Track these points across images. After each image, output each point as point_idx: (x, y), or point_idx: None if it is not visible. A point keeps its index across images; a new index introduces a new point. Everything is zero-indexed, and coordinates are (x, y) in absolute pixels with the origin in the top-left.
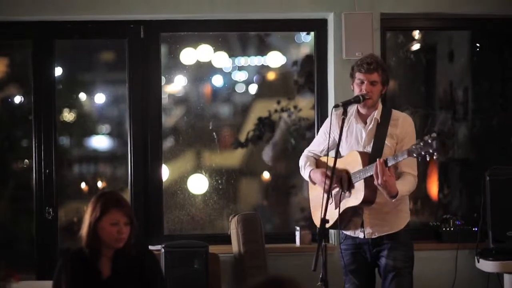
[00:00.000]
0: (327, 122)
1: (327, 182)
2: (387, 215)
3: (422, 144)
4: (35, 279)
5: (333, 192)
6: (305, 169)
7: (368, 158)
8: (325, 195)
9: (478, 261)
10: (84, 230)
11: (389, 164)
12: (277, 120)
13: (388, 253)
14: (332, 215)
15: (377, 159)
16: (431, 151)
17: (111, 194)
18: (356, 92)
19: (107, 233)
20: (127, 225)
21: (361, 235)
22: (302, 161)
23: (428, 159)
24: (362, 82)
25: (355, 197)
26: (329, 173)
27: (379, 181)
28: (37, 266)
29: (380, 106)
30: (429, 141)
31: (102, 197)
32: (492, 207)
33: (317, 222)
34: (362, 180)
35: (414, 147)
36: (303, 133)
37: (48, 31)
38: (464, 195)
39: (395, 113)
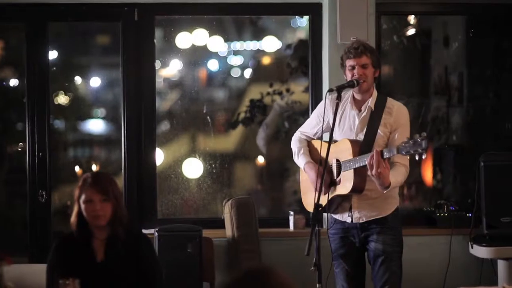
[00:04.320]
0: (321, 106)
1: (319, 181)
2: (375, 200)
3: (412, 142)
4: (28, 262)
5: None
6: (299, 158)
7: (359, 147)
8: (318, 180)
9: (472, 247)
10: (73, 214)
11: (385, 156)
12: (270, 103)
13: (377, 237)
14: (322, 200)
15: (375, 150)
16: (420, 150)
17: (89, 174)
18: (349, 79)
19: (85, 212)
20: (103, 202)
21: (348, 220)
22: (294, 146)
23: (417, 158)
24: (353, 68)
25: (344, 186)
26: (321, 169)
27: (374, 172)
28: (30, 250)
29: (375, 93)
30: (419, 140)
31: (82, 179)
32: (486, 193)
33: (306, 205)
34: (352, 170)
35: (404, 145)
36: (296, 117)
37: (41, 13)
38: (458, 181)
39: (390, 101)
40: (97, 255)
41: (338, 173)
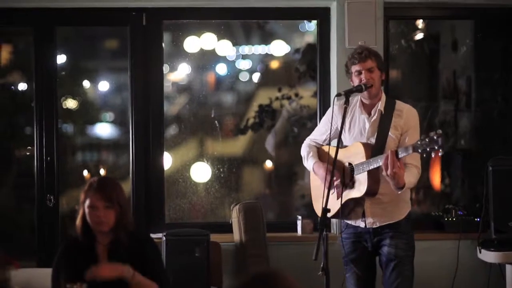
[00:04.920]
0: (329, 111)
1: (329, 178)
2: (388, 205)
3: (427, 140)
4: (36, 267)
5: (335, 182)
6: (308, 160)
7: (371, 150)
8: (326, 185)
9: (480, 252)
10: (78, 217)
11: (400, 156)
12: (278, 108)
13: (389, 241)
14: (334, 205)
15: (389, 150)
16: (436, 147)
17: (95, 179)
18: (356, 84)
19: (88, 217)
20: (107, 209)
21: (362, 225)
22: (304, 151)
23: (433, 155)
24: (359, 73)
25: (358, 189)
26: (331, 167)
27: (389, 172)
28: (38, 254)
29: (383, 96)
30: (435, 137)
31: (88, 183)
32: (494, 197)
33: (318, 211)
34: (365, 172)
35: (419, 143)
36: (304, 121)
37: (49, 18)
38: (467, 185)
39: (399, 104)
40: (100, 260)
41: (351, 177)
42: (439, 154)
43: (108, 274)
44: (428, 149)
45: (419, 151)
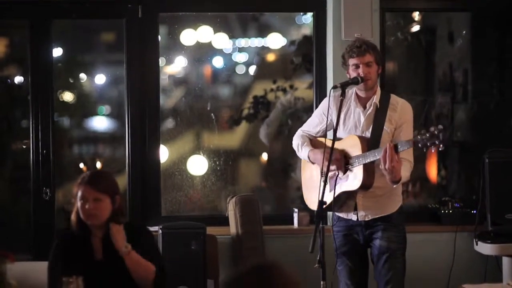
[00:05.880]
0: (323, 104)
1: (326, 163)
2: (380, 198)
3: (428, 135)
4: (32, 260)
5: (329, 174)
6: (302, 149)
7: (367, 144)
8: (323, 177)
9: (477, 244)
10: (73, 211)
11: (400, 150)
12: (273, 100)
13: (381, 234)
14: (327, 197)
15: (388, 144)
16: (437, 142)
17: (88, 173)
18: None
19: (80, 210)
20: (97, 201)
21: (354, 218)
22: (297, 140)
23: (433, 150)
24: (357, 67)
25: (353, 182)
26: (327, 155)
27: (387, 166)
28: (34, 247)
29: (379, 90)
30: (436, 132)
31: (81, 177)
32: (490, 189)
33: (308, 203)
34: (361, 166)
35: (419, 137)
36: (299, 113)
37: (45, 10)
38: (463, 178)
39: (394, 97)
40: (95, 253)
41: (345, 169)
42: (440, 149)
43: (116, 236)
44: (428, 144)
45: (420, 145)
